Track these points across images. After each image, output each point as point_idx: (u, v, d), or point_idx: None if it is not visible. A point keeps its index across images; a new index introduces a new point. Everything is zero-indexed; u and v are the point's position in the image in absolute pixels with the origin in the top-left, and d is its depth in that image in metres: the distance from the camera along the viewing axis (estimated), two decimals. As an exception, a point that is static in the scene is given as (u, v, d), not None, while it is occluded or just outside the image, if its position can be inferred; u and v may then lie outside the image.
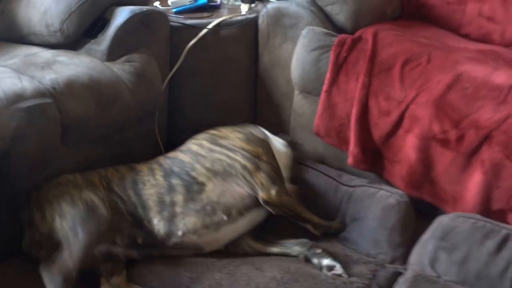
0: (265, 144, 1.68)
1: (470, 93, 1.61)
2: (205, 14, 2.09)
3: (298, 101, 1.96)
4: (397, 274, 1.48)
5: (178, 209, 1.53)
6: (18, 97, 1.46)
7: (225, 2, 2.26)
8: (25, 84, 1.50)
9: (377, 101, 1.70)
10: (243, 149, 1.62)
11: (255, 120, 2.18)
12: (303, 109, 1.94)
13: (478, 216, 1.53)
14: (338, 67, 1.76)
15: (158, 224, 1.51)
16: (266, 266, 1.46)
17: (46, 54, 1.71)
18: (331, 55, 1.77)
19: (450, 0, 2.10)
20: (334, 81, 1.77)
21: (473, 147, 1.56)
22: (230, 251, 1.58)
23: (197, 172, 1.58)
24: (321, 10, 1.89)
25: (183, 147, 1.68)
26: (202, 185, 1.56)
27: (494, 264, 1.39)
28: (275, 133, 1.87)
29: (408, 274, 1.44)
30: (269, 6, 1.95)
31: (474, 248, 1.43)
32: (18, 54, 1.73)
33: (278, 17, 1.93)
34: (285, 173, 1.69)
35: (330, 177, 1.80)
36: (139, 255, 1.53)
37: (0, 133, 1.40)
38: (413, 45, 1.81)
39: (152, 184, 1.56)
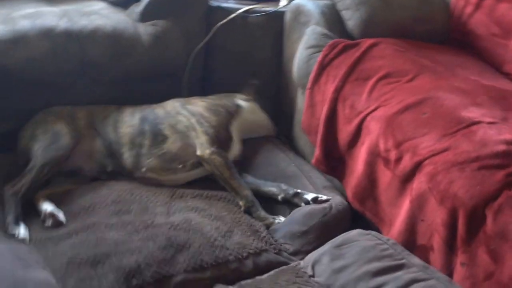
0: (224, 114, 1.96)
1: (425, 118, 1.57)
2: (253, 3, 2.32)
3: (299, 96, 2.09)
4: (284, 264, 1.55)
5: (144, 151, 1.87)
6: (49, 31, 1.91)
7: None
8: (61, 23, 1.95)
9: (344, 107, 1.75)
10: (200, 115, 1.92)
11: (276, 107, 2.35)
12: (300, 105, 2.06)
13: (391, 241, 1.51)
14: (322, 68, 1.85)
15: (127, 159, 1.86)
16: (177, 214, 1.67)
17: (96, 6, 2.14)
18: (320, 55, 1.87)
19: (496, 32, 1.99)
20: (316, 80, 1.86)
21: (406, 172, 1.53)
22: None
23: (164, 126, 1.90)
24: (336, 13, 1.98)
25: (163, 104, 2.01)
26: (165, 137, 1.88)
27: (364, 283, 1.37)
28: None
29: (288, 266, 1.52)
30: (293, 2, 2.10)
31: (357, 264, 1.43)
32: (81, 4, 2.19)
33: (297, 13, 2.08)
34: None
35: (300, 170, 1.94)
36: (108, 178, 1.87)
37: (24, 55, 1.87)
38: (407, 63, 1.80)
39: (129, 125, 1.91)
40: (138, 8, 2.11)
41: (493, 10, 2.00)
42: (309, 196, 1.75)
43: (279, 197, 1.81)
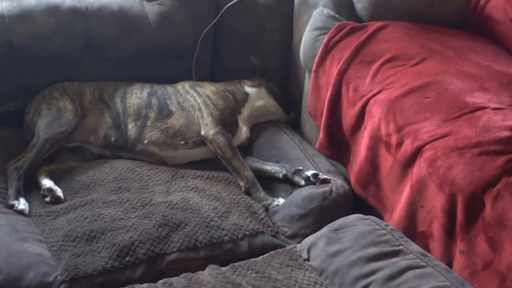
0: (231, 100, 2.01)
1: (428, 102, 1.56)
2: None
3: (306, 79, 2.09)
4: (280, 247, 1.57)
5: (148, 123, 1.93)
6: (55, 8, 1.96)
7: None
8: (67, 0, 1.99)
9: (347, 90, 1.75)
10: (208, 97, 1.98)
11: (287, 91, 2.35)
12: (307, 88, 2.06)
13: (390, 227, 1.51)
14: (327, 50, 1.84)
15: (131, 130, 1.92)
16: (176, 193, 1.71)
17: (104, -16, 2.18)
18: (325, 37, 1.86)
19: (514, 17, 1.95)
20: (321, 63, 1.86)
21: (407, 157, 1.52)
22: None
23: (171, 102, 1.97)
24: (346, -5, 1.98)
25: (174, 84, 2.06)
26: (171, 112, 1.95)
27: (358, 268, 1.38)
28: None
29: (284, 248, 1.53)
30: (303, -17, 2.10)
31: (353, 248, 1.44)
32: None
33: (306, -5, 2.07)
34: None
35: (304, 154, 1.95)
36: (112, 154, 1.93)
37: (29, 31, 1.92)
38: (415, 46, 1.78)
39: (137, 96, 1.98)
40: (146, -13, 2.14)
41: (511, -6, 1.97)
42: (309, 172, 1.77)
43: (281, 175, 1.84)
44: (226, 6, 2.21)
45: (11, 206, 1.64)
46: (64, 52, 2.00)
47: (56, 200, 1.67)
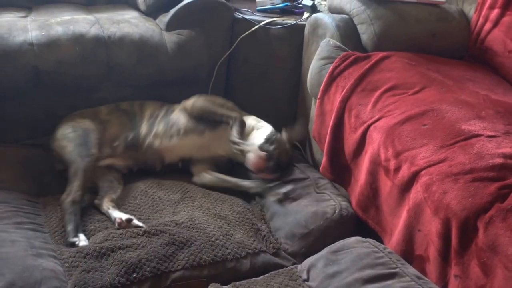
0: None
1: (425, 129, 1.57)
2: (277, 16, 2.38)
3: (312, 105, 2.12)
4: (280, 265, 1.58)
5: (157, 120, 2.06)
6: (80, 36, 2.04)
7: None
8: (92, 30, 2.07)
9: (350, 117, 1.77)
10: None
11: (294, 118, 2.38)
12: (313, 114, 2.09)
13: (388, 250, 1.51)
14: (332, 79, 1.87)
15: (144, 127, 2.04)
16: (182, 213, 1.74)
17: (127, 15, 2.26)
18: (331, 66, 1.89)
19: (512, 49, 1.96)
20: (326, 90, 1.89)
21: (404, 181, 1.52)
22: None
23: (175, 107, 2.11)
24: (351, 27, 2.01)
25: None
26: (172, 111, 2.09)
27: (353, 289, 1.39)
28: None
29: (285, 269, 1.54)
30: (313, 15, 2.15)
31: (350, 270, 1.44)
32: (116, 13, 2.33)
33: (315, 26, 2.12)
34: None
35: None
36: (133, 161, 2.00)
37: (55, 58, 2.01)
38: (415, 76, 1.79)
39: (155, 107, 2.11)
40: (165, 18, 2.22)
41: (510, 28, 1.97)
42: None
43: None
44: (241, 37, 2.28)
45: (72, 244, 1.62)
46: (86, 78, 2.08)
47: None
